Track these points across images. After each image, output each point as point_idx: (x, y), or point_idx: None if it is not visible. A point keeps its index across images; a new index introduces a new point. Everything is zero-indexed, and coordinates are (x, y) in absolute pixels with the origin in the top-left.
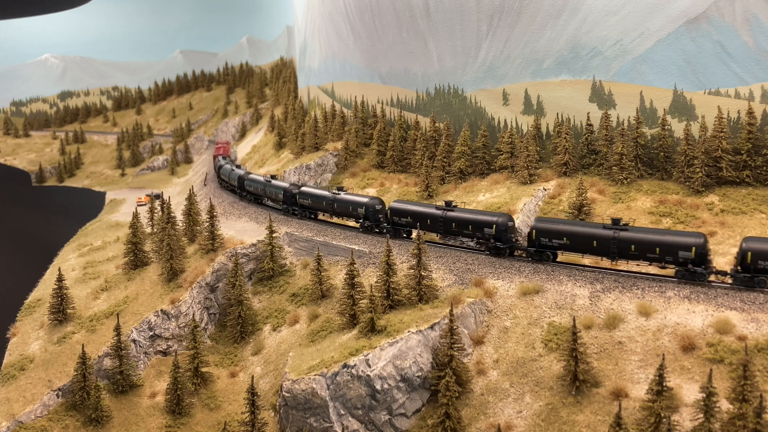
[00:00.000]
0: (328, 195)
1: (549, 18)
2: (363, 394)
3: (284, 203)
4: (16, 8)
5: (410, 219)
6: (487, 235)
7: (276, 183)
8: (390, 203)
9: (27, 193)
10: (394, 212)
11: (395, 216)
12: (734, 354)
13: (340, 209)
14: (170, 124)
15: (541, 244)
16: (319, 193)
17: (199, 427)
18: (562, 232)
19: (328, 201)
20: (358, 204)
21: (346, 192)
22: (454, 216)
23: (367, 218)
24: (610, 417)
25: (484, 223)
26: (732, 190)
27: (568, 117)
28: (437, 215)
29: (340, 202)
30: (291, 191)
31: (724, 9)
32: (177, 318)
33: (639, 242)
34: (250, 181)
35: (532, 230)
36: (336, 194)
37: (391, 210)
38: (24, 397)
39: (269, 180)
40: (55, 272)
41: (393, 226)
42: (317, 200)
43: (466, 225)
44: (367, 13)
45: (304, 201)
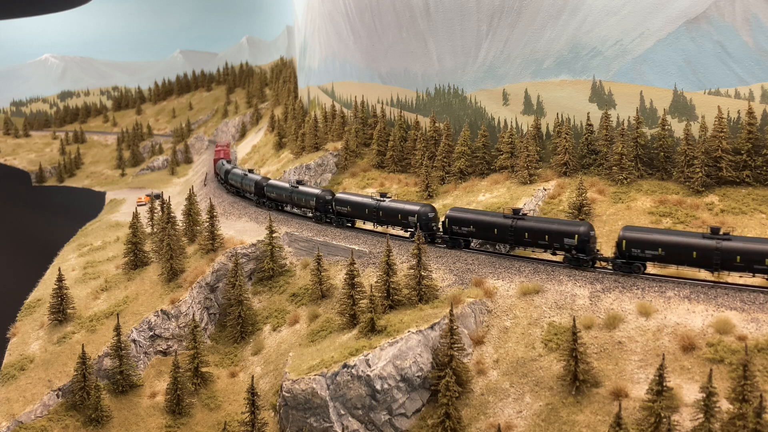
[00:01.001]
0: (370, 202)
1: (549, 18)
2: (363, 394)
3: (317, 210)
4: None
5: (473, 228)
6: (568, 245)
7: (306, 189)
8: (447, 211)
9: (27, 193)
10: (452, 221)
11: (454, 225)
12: (734, 354)
13: (386, 218)
14: (170, 124)
15: (632, 255)
16: (359, 200)
17: (199, 427)
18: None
19: (371, 209)
20: (409, 212)
21: (392, 199)
22: (527, 225)
23: (420, 228)
24: (610, 417)
25: (564, 233)
26: (732, 190)
27: (568, 117)
28: (506, 224)
29: (386, 210)
30: (325, 198)
31: (724, 9)
32: (177, 318)
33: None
34: (272, 188)
35: (622, 240)
36: (380, 201)
37: (449, 219)
38: (24, 397)
39: (296, 186)
40: (55, 272)
41: (451, 237)
42: (358, 208)
43: (541, 235)
44: (367, 13)
45: (342, 209)
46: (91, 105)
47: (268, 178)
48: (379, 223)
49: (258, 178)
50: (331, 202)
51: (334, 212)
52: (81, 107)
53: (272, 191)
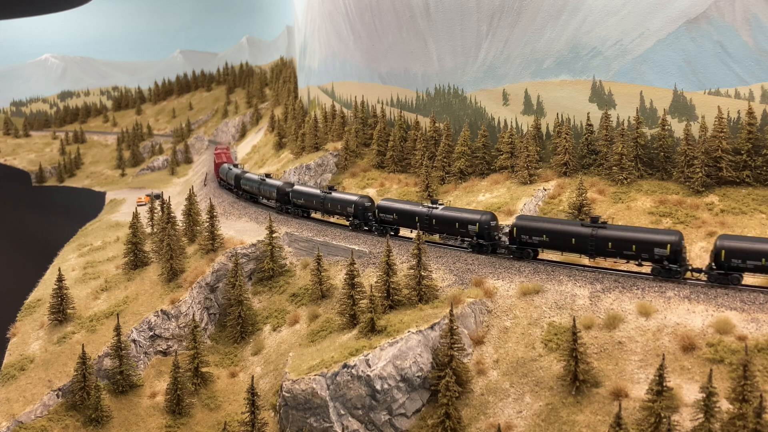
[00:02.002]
0: (421, 210)
1: (549, 18)
2: (363, 394)
3: (355, 218)
4: (16, 8)
5: (546, 238)
6: (659, 256)
7: (341, 196)
8: (514, 220)
9: (27, 193)
10: (522, 230)
11: (524, 234)
12: (734, 354)
13: (441, 226)
14: (170, 124)
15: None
16: (407, 208)
17: (199, 427)
18: None
19: (422, 217)
20: (468, 221)
21: (446, 206)
22: (610, 234)
23: (481, 236)
24: (610, 417)
25: (654, 243)
26: (732, 190)
27: (568, 117)
28: (586, 234)
29: (441, 219)
30: (363, 204)
31: (724, 9)
32: (177, 318)
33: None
34: (300, 194)
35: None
36: (432, 208)
37: (518, 228)
38: (24, 397)
39: (328, 192)
40: (55, 272)
41: (519, 246)
42: (406, 216)
43: (627, 245)
44: (367, 13)
45: (386, 216)
46: (91, 105)
47: (292, 183)
48: (430, 232)
49: (279, 184)
50: (370, 208)
51: (377, 220)
52: (81, 107)
53: (300, 197)
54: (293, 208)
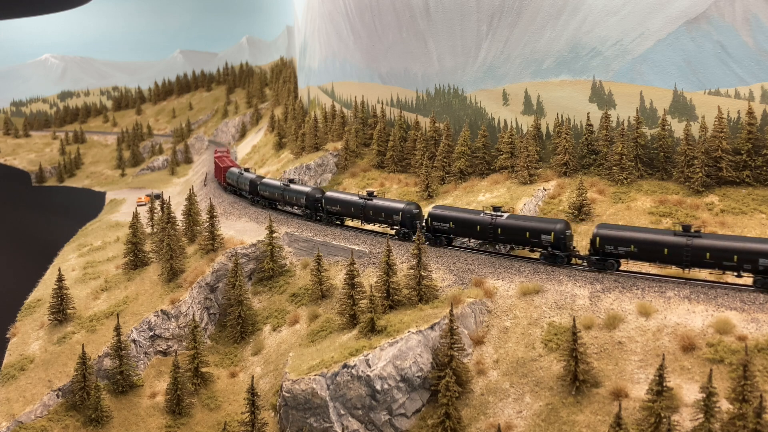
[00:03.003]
0: (484, 219)
1: (549, 18)
2: (363, 394)
3: (402, 226)
4: (16, 8)
5: (634, 249)
6: (763, 267)
7: (386, 203)
8: (599, 230)
9: (27, 193)
10: (606, 240)
11: (608, 245)
12: (734, 354)
13: (507, 236)
14: (170, 124)
15: None
16: (468, 217)
17: (199, 427)
18: None
19: (485, 225)
20: (542, 230)
21: (512, 214)
22: (708, 244)
23: (557, 247)
24: (610, 417)
25: (760, 254)
26: (732, 190)
27: (568, 117)
28: (679, 244)
29: (508, 228)
30: (411, 212)
31: (724, 9)
32: (177, 318)
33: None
34: (333, 201)
35: None
36: (497, 216)
37: (602, 238)
38: (24, 397)
39: (368, 198)
40: (55, 272)
41: (601, 258)
42: (466, 225)
43: (728, 255)
44: (367, 13)
45: (441, 225)
46: (91, 105)
47: (322, 189)
48: (494, 242)
49: (308, 190)
50: (418, 216)
51: (429, 229)
52: (81, 107)
53: (334, 204)
54: (326, 215)
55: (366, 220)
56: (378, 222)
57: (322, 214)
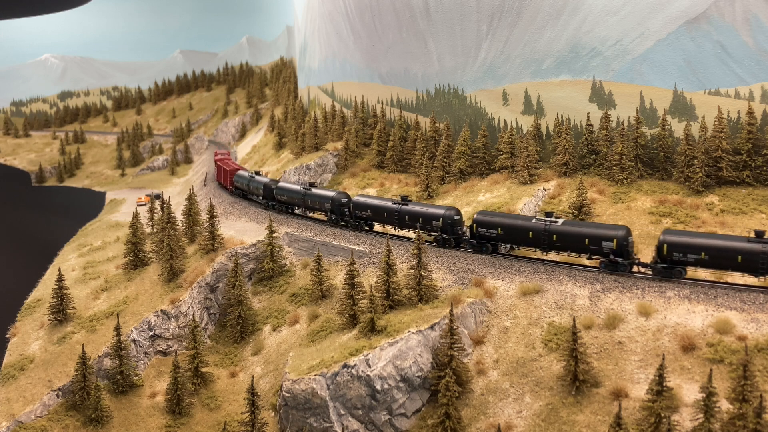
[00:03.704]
0: (537, 225)
1: (549, 18)
2: (363, 394)
3: (443, 233)
4: (16, 8)
5: (704, 256)
6: None
7: (424, 209)
8: (667, 236)
9: (27, 193)
10: (674, 247)
11: (676, 252)
12: (734, 354)
13: (563, 243)
14: (170, 124)
15: None
16: (519, 223)
17: (199, 427)
18: None
19: (537, 232)
20: (603, 236)
21: (567, 221)
22: None
23: (620, 254)
24: (610, 417)
25: None
26: (732, 190)
27: (568, 117)
28: (755, 251)
29: (564, 234)
30: (452, 217)
31: (724, 9)
32: (177, 318)
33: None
34: (363, 206)
35: None
36: (550, 222)
37: (670, 245)
38: (24, 397)
39: (404, 203)
40: (55, 272)
41: (669, 266)
42: (516, 232)
43: None
44: (367, 13)
45: (489, 231)
46: (91, 105)
47: (347, 194)
48: (549, 248)
49: (333, 194)
50: (459, 222)
51: (474, 236)
52: (81, 107)
53: (364, 209)
54: (353, 220)
55: (400, 226)
56: (415, 228)
57: (349, 219)
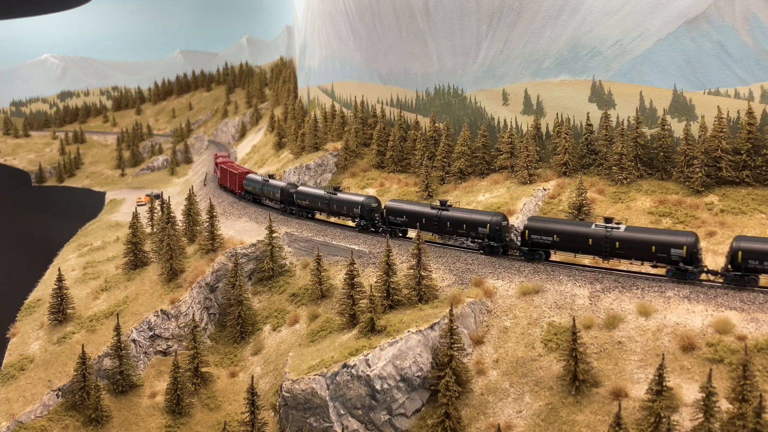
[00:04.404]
0: (597, 232)
1: (549, 18)
2: (363, 394)
3: (490, 239)
4: (16, 8)
5: None
6: None
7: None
8: (741, 243)
9: (27, 193)
10: (748, 254)
11: (751, 259)
12: (734, 354)
13: (628, 250)
14: (170, 124)
15: None
16: (574, 229)
17: (198, 427)
18: None
19: (599, 239)
20: (672, 243)
21: (630, 227)
22: None
23: (689, 262)
24: (609, 417)
25: None
26: (732, 190)
27: (568, 117)
28: None
29: (629, 241)
30: (499, 223)
31: (723, 9)
32: (177, 318)
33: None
34: (398, 211)
35: None
36: (613, 229)
37: (743, 252)
38: (24, 397)
39: (444, 208)
40: (55, 272)
41: (742, 274)
42: (570, 238)
43: None
44: (367, 13)
45: (540, 238)
46: (91, 105)
47: (376, 198)
48: (610, 256)
49: (362, 200)
50: (506, 228)
51: (527, 242)
52: (81, 107)
53: (399, 215)
54: (387, 226)
55: (440, 232)
56: (457, 235)
57: (383, 225)
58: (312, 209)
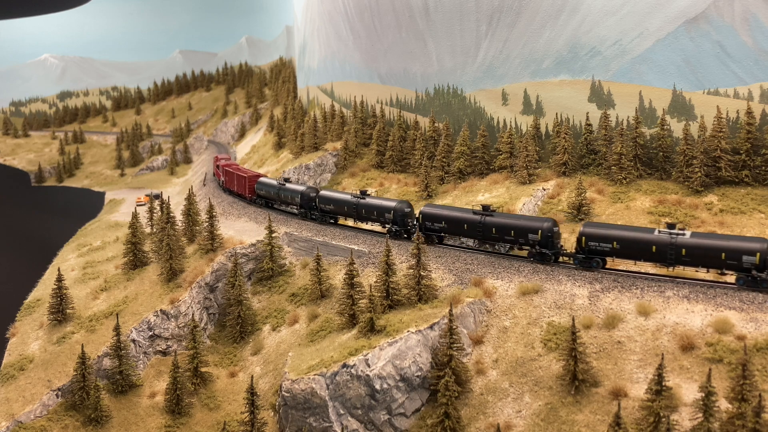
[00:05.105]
0: (662, 238)
1: (548, 18)
2: (362, 393)
3: (542, 246)
4: (16, 8)
5: None
6: None
7: (514, 222)
8: None
9: (26, 194)
10: None
11: None
12: (733, 353)
13: (695, 258)
14: (169, 124)
15: None
16: (637, 236)
17: (198, 426)
18: None
19: (663, 246)
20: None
21: (694, 232)
22: None
23: (762, 269)
24: (609, 416)
25: None
26: (731, 189)
27: (568, 117)
28: None
29: (693, 248)
30: (551, 230)
31: (723, 9)
32: (176, 318)
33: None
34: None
35: None
36: (677, 235)
37: None
38: (23, 397)
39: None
40: (55, 272)
41: None
42: (632, 245)
43: None
44: (367, 13)
45: (599, 246)
46: (91, 105)
47: (409, 203)
48: (675, 263)
49: (394, 205)
50: (558, 235)
51: (584, 249)
52: (80, 107)
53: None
54: (424, 232)
55: (484, 239)
56: (503, 242)
57: (420, 231)
58: (336, 214)
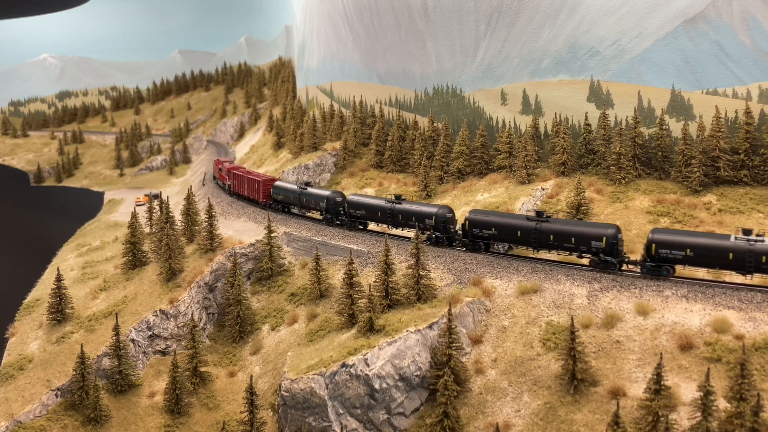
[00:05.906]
0: (740, 245)
1: (547, 18)
2: (361, 393)
3: (603, 254)
4: (16, 8)
5: None
6: None
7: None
8: None
9: (25, 194)
10: None
11: None
12: (732, 353)
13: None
14: (169, 124)
15: None
16: (711, 243)
17: (197, 426)
18: None
19: (742, 254)
20: None
21: None
22: None
23: None
24: (608, 416)
25: None
26: (730, 189)
27: (567, 117)
28: None
29: None
30: (616, 236)
31: (721, 9)
32: (176, 318)
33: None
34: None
35: None
36: (758, 240)
37: None
38: (23, 397)
39: (543, 219)
40: (54, 272)
41: None
42: (711, 254)
43: None
44: (366, 13)
45: (671, 253)
46: (90, 105)
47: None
48: (756, 270)
49: (435, 210)
50: (621, 241)
51: (654, 257)
52: (79, 107)
53: (484, 227)
54: (471, 240)
55: (540, 246)
56: (562, 249)
57: (464, 239)
58: (368, 220)
